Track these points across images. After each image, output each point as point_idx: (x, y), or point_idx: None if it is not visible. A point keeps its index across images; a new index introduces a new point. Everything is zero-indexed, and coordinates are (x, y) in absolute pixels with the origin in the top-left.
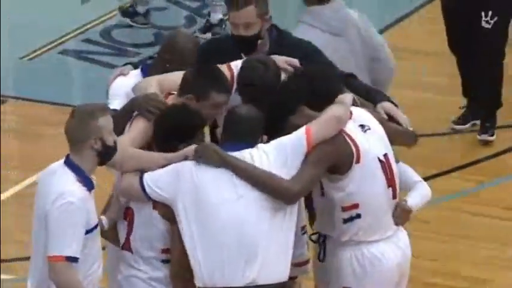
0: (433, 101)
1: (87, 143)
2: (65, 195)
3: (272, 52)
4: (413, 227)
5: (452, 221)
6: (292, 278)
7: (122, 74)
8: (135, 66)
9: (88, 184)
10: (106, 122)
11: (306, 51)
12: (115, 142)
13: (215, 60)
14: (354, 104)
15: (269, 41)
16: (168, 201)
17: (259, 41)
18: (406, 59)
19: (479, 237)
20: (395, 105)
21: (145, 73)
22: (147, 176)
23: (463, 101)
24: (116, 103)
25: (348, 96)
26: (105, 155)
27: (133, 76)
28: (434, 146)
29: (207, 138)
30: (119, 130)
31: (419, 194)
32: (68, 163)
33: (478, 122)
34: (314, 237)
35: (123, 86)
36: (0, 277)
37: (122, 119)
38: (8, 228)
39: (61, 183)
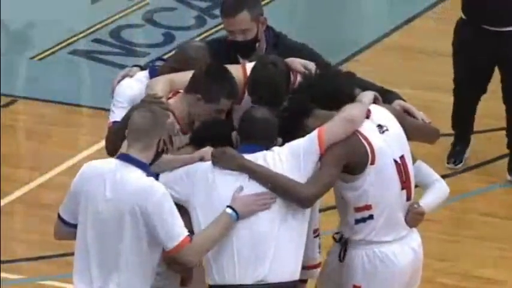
0: (443, 101)
1: (158, 140)
2: (156, 188)
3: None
4: (424, 227)
5: (463, 221)
6: (302, 281)
7: (128, 75)
8: (142, 68)
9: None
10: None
11: (303, 54)
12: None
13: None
14: (376, 101)
15: (266, 43)
16: (181, 202)
17: (257, 44)
18: (414, 59)
19: (490, 237)
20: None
21: (153, 76)
22: (161, 178)
23: None
24: (119, 113)
25: (368, 95)
26: (158, 157)
27: (139, 79)
28: (445, 146)
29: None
30: (123, 136)
31: (433, 194)
32: (133, 161)
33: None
34: (337, 236)
35: (127, 91)
36: (0, 277)
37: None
38: (13, 228)
39: (139, 180)
